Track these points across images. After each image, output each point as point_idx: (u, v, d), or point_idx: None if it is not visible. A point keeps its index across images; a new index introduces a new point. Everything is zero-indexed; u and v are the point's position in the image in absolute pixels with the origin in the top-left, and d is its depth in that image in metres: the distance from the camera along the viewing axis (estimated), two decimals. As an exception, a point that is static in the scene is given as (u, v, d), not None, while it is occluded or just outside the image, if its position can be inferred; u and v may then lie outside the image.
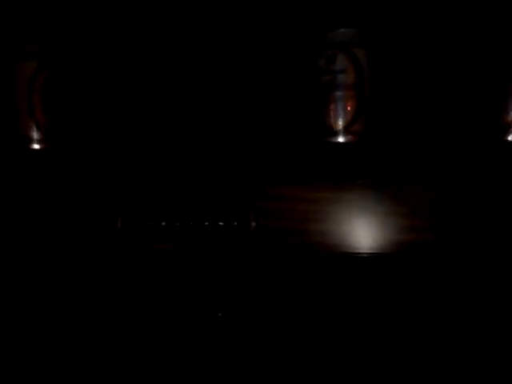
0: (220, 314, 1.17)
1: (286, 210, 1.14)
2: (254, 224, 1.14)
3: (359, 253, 1.12)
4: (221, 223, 1.15)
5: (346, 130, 1.17)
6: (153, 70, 1.27)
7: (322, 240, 1.13)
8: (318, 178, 1.15)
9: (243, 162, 1.21)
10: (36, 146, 1.23)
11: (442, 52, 1.20)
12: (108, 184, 1.18)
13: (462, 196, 1.10)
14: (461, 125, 1.19)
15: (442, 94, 1.20)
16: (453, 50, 1.19)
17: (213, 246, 1.14)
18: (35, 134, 1.23)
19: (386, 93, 1.20)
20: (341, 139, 1.18)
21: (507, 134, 1.14)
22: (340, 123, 1.17)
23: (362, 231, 1.12)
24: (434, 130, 1.20)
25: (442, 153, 1.17)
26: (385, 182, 1.13)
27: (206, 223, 1.15)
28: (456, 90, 1.19)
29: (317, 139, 1.19)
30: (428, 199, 1.11)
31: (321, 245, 1.13)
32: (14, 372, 1.18)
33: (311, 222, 1.13)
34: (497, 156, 1.14)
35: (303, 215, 1.14)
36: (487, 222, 1.08)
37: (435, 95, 1.21)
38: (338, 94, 1.17)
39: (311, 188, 1.14)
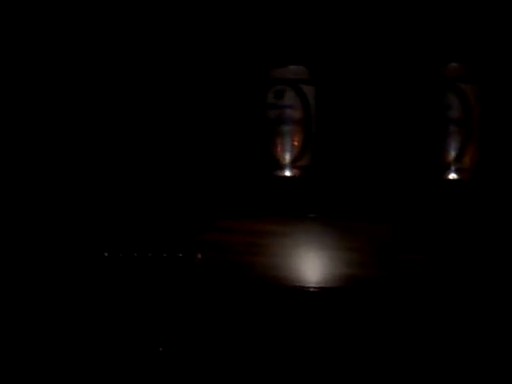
0: (161, 349, 1.16)
1: (233, 243, 1.15)
2: (199, 256, 1.14)
3: (306, 286, 1.12)
4: (167, 254, 1.15)
5: (293, 165, 1.19)
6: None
7: (269, 273, 1.13)
8: (265, 211, 1.16)
9: (192, 195, 1.21)
10: None
11: (387, 90, 1.23)
12: (52, 213, 1.18)
13: (407, 231, 1.12)
14: (404, 162, 1.21)
15: (386, 132, 1.23)
16: (397, 89, 1.22)
17: (160, 277, 1.15)
18: None
19: (333, 129, 1.22)
20: (287, 173, 1.19)
21: (447, 172, 1.18)
22: (287, 157, 1.19)
23: (309, 265, 1.13)
24: (378, 167, 1.22)
25: (386, 189, 1.19)
26: (331, 216, 1.14)
27: (154, 254, 1.15)
28: (399, 129, 1.22)
29: (264, 173, 1.20)
30: (372, 234, 1.12)
31: (268, 278, 1.13)
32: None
33: (258, 255, 1.14)
34: (438, 193, 1.16)
35: (250, 248, 1.14)
36: (433, 257, 1.10)
37: (379, 133, 1.23)
38: (285, 128, 1.18)
39: (258, 221, 1.15)
